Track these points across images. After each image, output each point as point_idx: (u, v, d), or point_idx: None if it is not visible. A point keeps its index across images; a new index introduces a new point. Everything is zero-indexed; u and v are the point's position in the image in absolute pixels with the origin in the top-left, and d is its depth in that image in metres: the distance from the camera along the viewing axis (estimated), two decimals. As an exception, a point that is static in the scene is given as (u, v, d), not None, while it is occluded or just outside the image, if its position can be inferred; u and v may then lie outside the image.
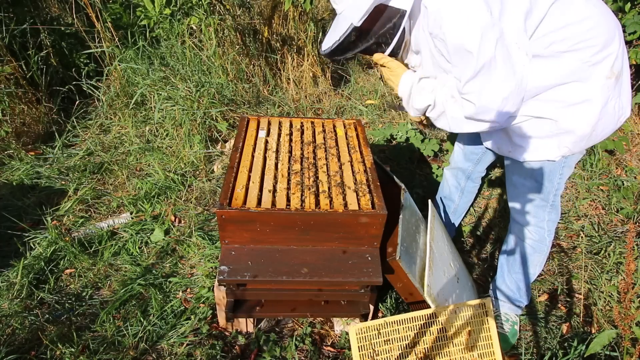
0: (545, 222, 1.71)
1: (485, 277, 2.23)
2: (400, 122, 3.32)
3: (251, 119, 1.97)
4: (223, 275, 1.47)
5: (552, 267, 2.29)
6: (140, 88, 3.17)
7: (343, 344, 1.85)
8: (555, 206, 1.69)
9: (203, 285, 2.04)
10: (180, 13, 3.43)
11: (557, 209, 1.71)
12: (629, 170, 2.98)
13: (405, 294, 1.74)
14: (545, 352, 1.83)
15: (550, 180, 1.60)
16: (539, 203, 1.67)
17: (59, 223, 2.42)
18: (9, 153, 2.93)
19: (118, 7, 3.69)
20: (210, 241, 2.29)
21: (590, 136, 1.44)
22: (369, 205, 1.52)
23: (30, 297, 2.00)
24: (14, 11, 3.33)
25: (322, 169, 1.69)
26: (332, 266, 1.53)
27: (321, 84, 3.83)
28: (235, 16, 3.71)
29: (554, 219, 1.72)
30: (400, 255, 1.58)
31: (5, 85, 3.07)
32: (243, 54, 3.64)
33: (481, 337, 1.53)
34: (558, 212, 1.72)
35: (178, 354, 1.77)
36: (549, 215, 1.70)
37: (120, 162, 2.92)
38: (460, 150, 2.04)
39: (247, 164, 1.67)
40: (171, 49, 3.52)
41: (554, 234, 1.77)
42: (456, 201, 2.21)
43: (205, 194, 2.69)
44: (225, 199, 1.47)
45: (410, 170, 2.97)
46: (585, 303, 2.06)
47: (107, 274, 2.15)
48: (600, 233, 2.49)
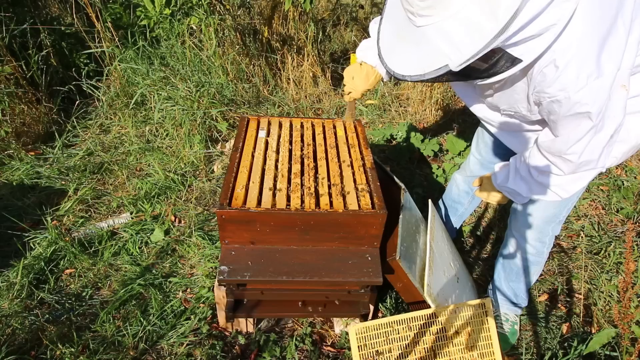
0: (548, 237, 1.68)
1: (485, 277, 2.23)
2: (400, 122, 3.32)
3: (251, 119, 1.97)
4: (223, 275, 1.47)
5: (552, 267, 2.29)
6: (140, 88, 3.17)
7: (343, 344, 1.85)
8: (562, 221, 1.64)
9: (203, 285, 2.04)
10: (180, 13, 3.43)
11: (562, 224, 1.66)
12: (629, 170, 2.98)
13: (405, 294, 1.74)
14: (545, 352, 1.83)
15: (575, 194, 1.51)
16: (550, 219, 1.61)
17: (59, 223, 2.42)
18: (9, 153, 2.93)
19: (118, 7, 3.68)
20: (210, 241, 2.29)
21: (638, 146, 1.39)
22: (369, 205, 1.52)
23: (30, 297, 2.00)
24: (14, 11, 3.33)
25: (322, 169, 1.69)
26: (332, 266, 1.53)
27: (321, 84, 3.83)
28: (235, 16, 3.71)
29: (556, 233, 1.68)
30: (400, 255, 1.58)
31: (5, 85, 3.07)
32: (243, 54, 3.64)
33: (481, 337, 1.53)
34: (561, 227, 1.68)
35: (178, 354, 1.77)
36: (553, 230, 1.66)
37: (120, 162, 2.92)
38: (477, 160, 1.99)
39: (247, 164, 1.67)
40: (171, 49, 3.52)
41: (552, 245, 1.74)
42: (465, 205, 2.19)
43: (205, 194, 2.69)
44: (225, 199, 1.47)
45: (410, 170, 2.97)
46: (585, 303, 2.06)
47: (107, 274, 2.15)
48: (600, 233, 2.49)
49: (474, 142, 2.01)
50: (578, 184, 1.35)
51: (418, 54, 1.09)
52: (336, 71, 4.06)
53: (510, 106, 1.37)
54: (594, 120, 1.12)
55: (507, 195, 1.52)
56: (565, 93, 1.10)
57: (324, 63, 3.95)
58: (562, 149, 1.24)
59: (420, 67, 1.08)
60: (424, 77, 1.08)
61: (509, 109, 1.39)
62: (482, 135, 1.92)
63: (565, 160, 1.27)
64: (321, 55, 4.02)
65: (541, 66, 1.11)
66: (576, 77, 1.07)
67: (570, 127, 1.18)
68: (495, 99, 1.41)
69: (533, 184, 1.41)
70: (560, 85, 1.10)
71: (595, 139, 1.18)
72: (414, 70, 1.10)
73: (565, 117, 1.16)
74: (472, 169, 2.05)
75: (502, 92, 1.34)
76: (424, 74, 1.07)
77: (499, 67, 1.08)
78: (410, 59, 1.11)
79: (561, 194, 1.38)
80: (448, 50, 1.01)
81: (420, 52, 1.08)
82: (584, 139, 1.18)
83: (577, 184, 1.35)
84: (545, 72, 1.11)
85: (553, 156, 1.30)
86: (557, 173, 1.33)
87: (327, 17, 4.81)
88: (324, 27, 4.62)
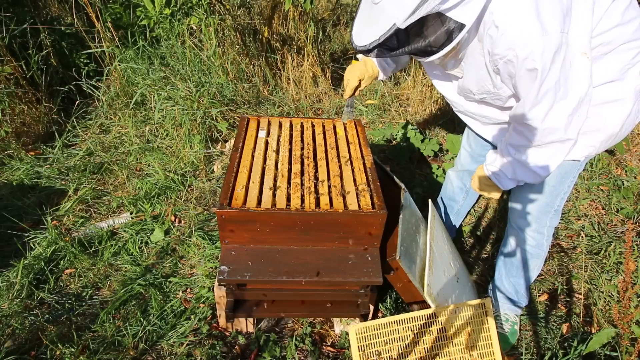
0: (546, 228, 1.70)
1: (485, 277, 2.23)
2: (400, 122, 3.32)
3: (251, 119, 1.97)
4: (223, 275, 1.47)
5: (552, 267, 2.29)
6: (140, 88, 3.17)
7: (343, 344, 1.85)
8: (558, 212, 1.67)
9: (203, 285, 2.05)
10: (180, 13, 3.44)
11: (559, 215, 1.69)
12: (629, 170, 2.98)
13: (405, 294, 1.74)
14: (545, 352, 1.83)
15: (562, 182, 1.57)
16: (544, 208, 1.64)
17: (59, 223, 2.42)
18: (9, 153, 2.93)
19: (118, 7, 3.69)
20: (210, 241, 2.29)
21: (616, 136, 1.42)
22: (369, 205, 1.52)
23: (30, 297, 2.00)
24: (14, 11, 3.33)
25: (322, 168, 1.69)
26: (332, 266, 1.54)
27: (321, 84, 3.83)
28: (235, 16, 3.72)
29: (554, 224, 1.70)
30: (400, 255, 1.58)
31: (5, 85, 3.07)
32: (243, 54, 3.64)
33: (481, 337, 1.53)
34: (559, 218, 1.71)
35: (178, 354, 1.77)
36: (550, 221, 1.68)
37: (120, 162, 2.92)
38: (467, 153, 2.02)
39: (247, 164, 1.67)
40: (171, 49, 3.52)
41: (552, 238, 1.75)
42: (460, 202, 2.20)
43: (205, 194, 2.69)
44: (225, 199, 1.47)
45: (410, 170, 2.97)
46: (585, 303, 2.06)
47: (107, 274, 2.15)
48: (600, 233, 2.49)
49: (464, 135, 2.04)
50: (554, 160, 1.37)
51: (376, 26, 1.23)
52: (336, 71, 4.06)
53: (479, 87, 1.42)
54: (542, 83, 1.18)
55: (494, 181, 1.54)
56: (512, 51, 1.18)
57: (324, 63, 3.95)
58: (524, 112, 1.29)
59: (375, 34, 1.22)
60: (379, 41, 1.20)
61: (478, 91, 1.44)
62: None
63: (529, 126, 1.30)
64: (321, 55, 4.02)
65: (486, 29, 1.22)
66: (519, 34, 1.15)
67: (526, 88, 1.23)
68: (465, 81, 1.46)
69: (515, 165, 1.44)
70: (506, 44, 1.18)
71: (558, 106, 1.23)
72: (371, 38, 1.23)
73: (520, 77, 1.22)
74: (462, 162, 2.07)
75: (468, 72, 1.42)
76: (379, 38, 1.20)
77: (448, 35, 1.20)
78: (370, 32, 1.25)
79: (541, 173, 1.40)
80: (395, 12, 1.16)
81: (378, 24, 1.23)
82: (544, 102, 1.22)
83: (553, 160, 1.37)
84: (490, 33, 1.21)
85: (520, 125, 1.34)
86: (525, 143, 1.36)
87: (327, 17, 4.81)
88: (324, 27, 4.62)
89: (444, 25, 1.18)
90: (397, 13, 1.15)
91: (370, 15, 1.26)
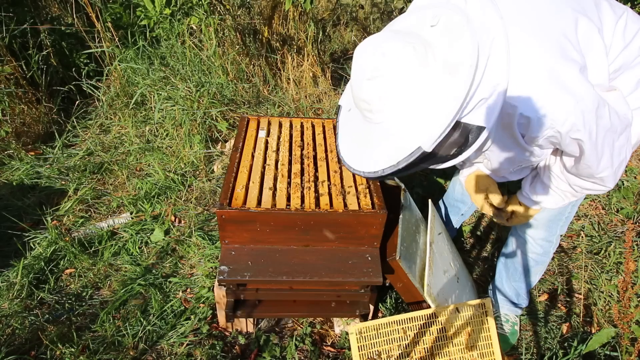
0: (555, 237, 1.65)
1: (485, 277, 2.23)
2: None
3: (251, 119, 1.97)
4: (223, 275, 1.47)
5: (552, 267, 2.29)
6: (140, 88, 3.17)
7: (343, 344, 1.85)
8: (569, 219, 1.61)
9: (203, 285, 2.04)
10: (180, 13, 3.43)
11: (569, 222, 1.64)
12: (629, 170, 2.98)
13: (405, 294, 1.74)
14: (545, 352, 1.83)
15: None
16: (555, 217, 1.58)
17: (59, 223, 2.42)
18: (9, 153, 2.93)
19: (118, 7, 3.68)
20: (210, 241, 2.29)
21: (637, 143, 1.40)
22: (369, 205, 1.52)
23: (30, 297, 2.00)
24: (14, 11, 3.33)
25: (322, 168, 1.69)
26: (332, 266, 1.54)
27: (321, 84, 3.82)
28: (235, 16, 3.71)
29: (563, 232, 1.65)
30: (400, 255, 1.58)
31: (5, 85, 3.07)
32: (243, 54, 3.64)
33: (481, 337, 1.53)
34: (567, 226, 1.65)
35: (178, 354, 1.77)
36: (561, 229, 1.63)
37: (120, 162, 2.92)
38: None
39: (247, 164, 1.67)
40: (171, 49, 3.52)
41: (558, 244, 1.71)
42: (468, 204, 2.19)
43: (205, 194, 2.69)
44: (225, 199, 1.47)
45: (410, 170, 2.97)
46: (585, 303, 2.06)
47: (107, 274, 2.15)
48: (600, 233, 2.49)
49: None
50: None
51: (385, 148, 1.09)
52: (336, 71, 4.06)
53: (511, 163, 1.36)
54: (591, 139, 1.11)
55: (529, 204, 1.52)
56: (552, 129, 1.10)
57: (324, 63, 3.95)
58: (592, 172, 1.24)
59: (391, 158, 1.07)
60: (398, 167, 1.06)
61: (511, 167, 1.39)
62: None
63: (603, 179, 1.26)
64: (321, 55, 4.02)
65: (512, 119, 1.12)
66: (553, 114, 1.07)
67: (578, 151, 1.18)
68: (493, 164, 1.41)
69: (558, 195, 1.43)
70: (543, 127, 1.10)
71: (618, 144, 1.19)
72: (386, 163, 1.09)
73: (568, 145, 1.16)
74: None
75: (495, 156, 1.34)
76: (398, 163, 1.06)
77: (467, 140, 1.06)
78: (377, 156, 1.12)
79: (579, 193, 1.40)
80: (416, 133, 1.02)
81: (387, 145, 1.09)
82: (605, 153, 1.17)
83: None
84: (521, 122, 1.12)
85: (590, 178, 1.29)
86: (602, 190, 1.33)
87: (327, 17, 4.81)
88: (324, 27, 4.62)
89: (463, 133, 1.05)
90: (419, 134, 1.02)
91: (368, 134, 1.14)
